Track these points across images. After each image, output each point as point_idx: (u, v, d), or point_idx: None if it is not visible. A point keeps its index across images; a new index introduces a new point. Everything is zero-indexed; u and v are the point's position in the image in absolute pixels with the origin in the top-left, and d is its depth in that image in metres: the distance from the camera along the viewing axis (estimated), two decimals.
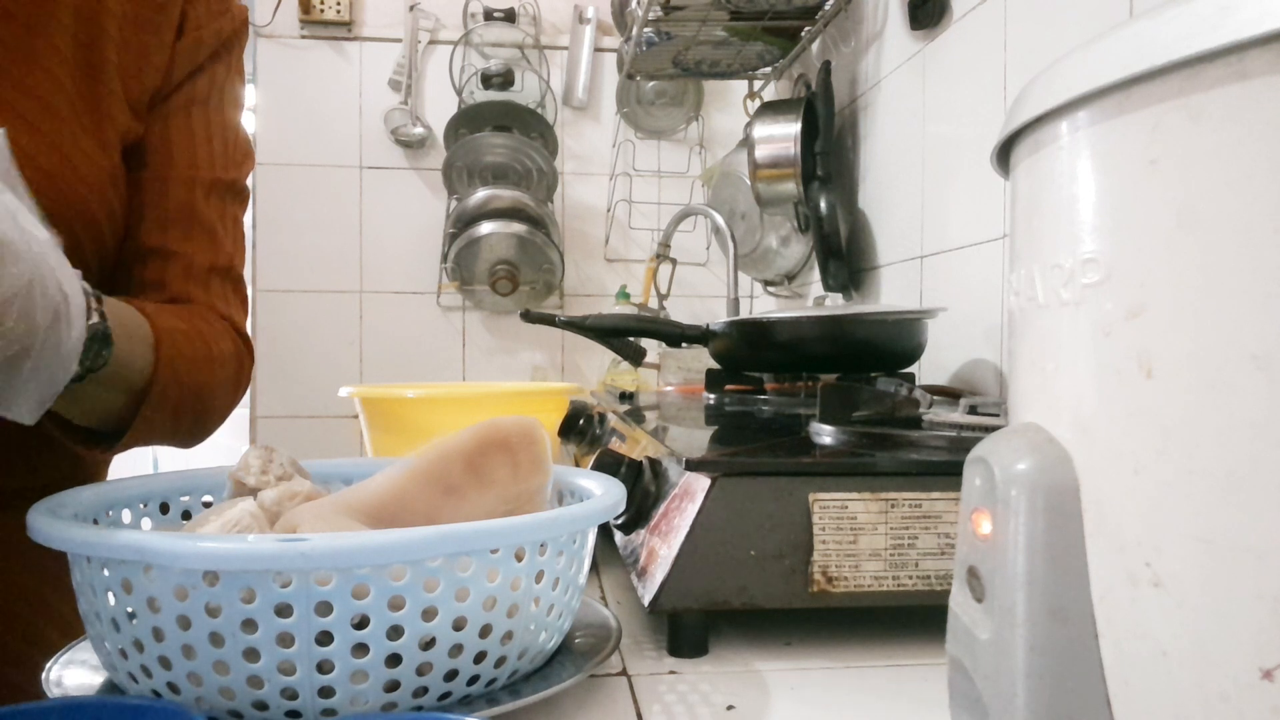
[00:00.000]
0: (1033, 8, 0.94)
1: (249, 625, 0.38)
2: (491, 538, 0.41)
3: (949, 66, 1.13)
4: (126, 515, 0.52)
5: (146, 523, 0.53)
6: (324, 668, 0.38)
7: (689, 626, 0.53)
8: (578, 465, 0.94)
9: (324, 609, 0.38)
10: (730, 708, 0.46)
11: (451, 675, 0.41)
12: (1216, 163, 0.23)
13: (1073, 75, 0.27)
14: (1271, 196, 0.22)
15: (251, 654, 0.38)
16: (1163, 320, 0.24)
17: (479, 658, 0.42)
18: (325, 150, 2.17)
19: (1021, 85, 0.30)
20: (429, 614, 0.40)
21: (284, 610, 0.38)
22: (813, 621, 0.57)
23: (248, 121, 1.19)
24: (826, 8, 1.46)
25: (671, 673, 0.50)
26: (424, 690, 0.40)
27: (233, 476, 0.51)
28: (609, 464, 0.60)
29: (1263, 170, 0.22)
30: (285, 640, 0.38)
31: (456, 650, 0.41)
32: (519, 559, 0.42)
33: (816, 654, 0.53)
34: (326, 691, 0.39)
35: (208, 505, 0.55)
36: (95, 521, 0.48)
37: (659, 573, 0.52)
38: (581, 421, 0.93)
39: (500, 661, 0.43)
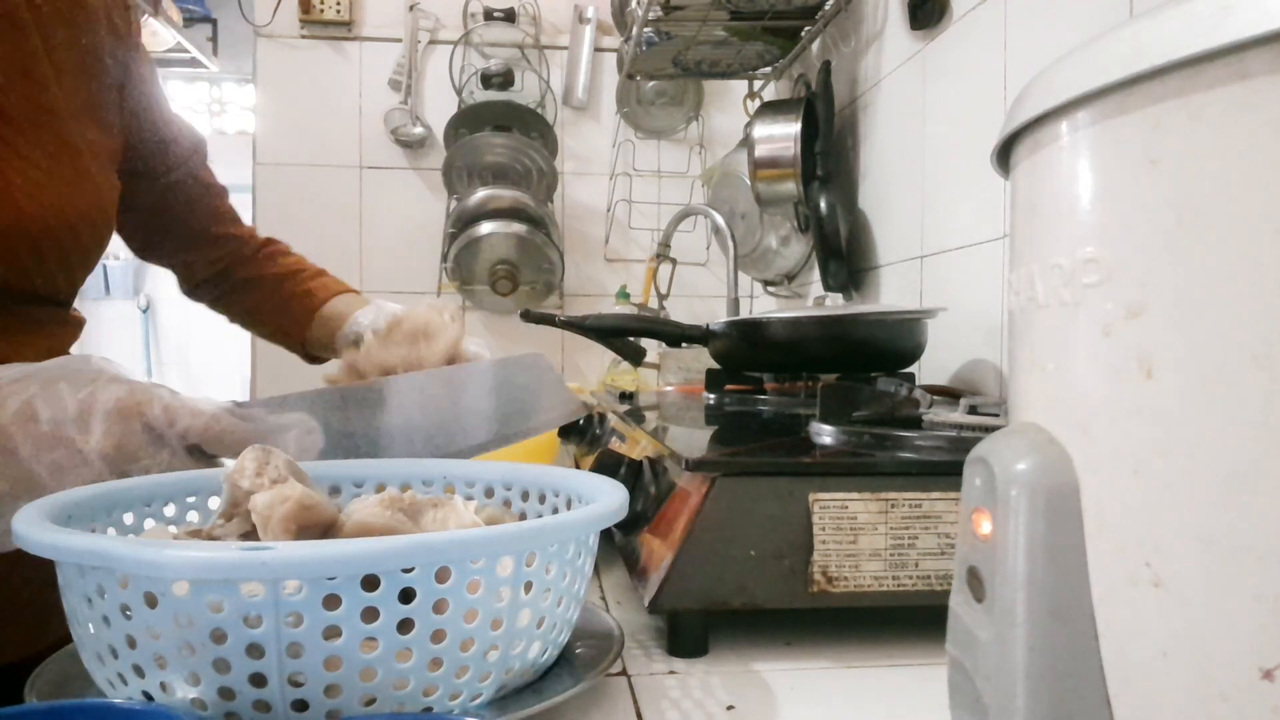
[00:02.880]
0: (1033, 8, 0.94)
1: (218, 636, 0.37)
2: (469, 548, 0.38)
3: (949, 67, 1.13)
4: (129, 517, 0.52)
5: (150, 524, 0.53)
6: (295, 680, 0.38)
7: (689, 626, 0.53)
8: (578, 465, 0.94)
9: (296, 620, 0.36)
10: (730, 708, 0.46)
11: (430, 691, 0.39)
12: (1216, 163, 0.23)
13: (1073, 75, 0.27)
14: (1271, 196, 0.22)
15: (222, 664, 0.37)
16: (1163, 320, 0.24)
17: (460, 672, 0.40)
18: (325, 150, 2.17)
19: (1021, 85, 0.30)
20: (404, 626, 0.38)
21: (253, 621, 0.36)
22: (813, 621, 0.57)
23: (248, 122, 1.19)
24: (826, 8, 1.46)
25: (671, 673, 0.50)
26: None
27: (228, 479, 0.51)
28: (609, 464, 0.60)
29: (1263, 170, 0.22)
30: (255, 651, 0.37)
31: (435, 664, 0.39)
32: (502, 571, 0.40)
33: (816, 654, 0.53)
34: (300, 705, 0.38)
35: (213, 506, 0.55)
36: (94, 524, 0.48)
37: (659, 573, 0.51)
38: (581, 421, 0.93)
39: (485, 677, 0.41)
